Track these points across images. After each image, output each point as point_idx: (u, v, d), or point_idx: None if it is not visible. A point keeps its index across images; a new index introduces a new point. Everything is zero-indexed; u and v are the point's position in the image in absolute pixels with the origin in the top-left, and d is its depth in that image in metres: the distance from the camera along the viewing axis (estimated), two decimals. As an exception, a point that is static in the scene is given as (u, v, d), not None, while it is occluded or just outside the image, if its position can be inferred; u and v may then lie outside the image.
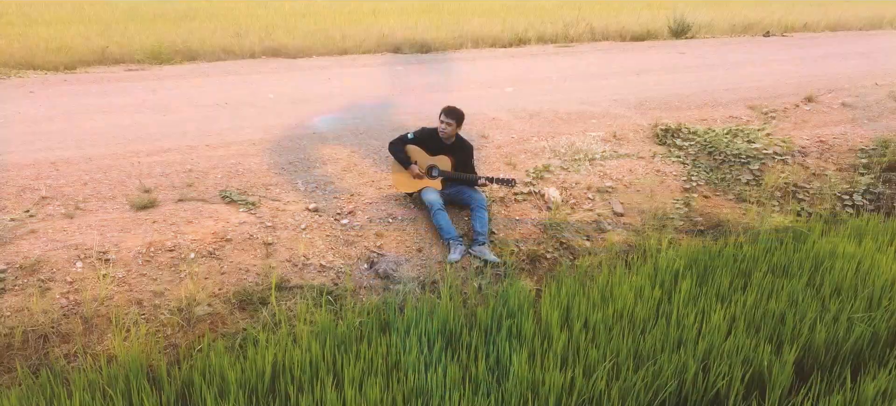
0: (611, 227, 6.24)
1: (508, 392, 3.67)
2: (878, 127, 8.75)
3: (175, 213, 5.49)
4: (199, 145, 7.02)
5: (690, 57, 13.77)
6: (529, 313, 4.48)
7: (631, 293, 4.66)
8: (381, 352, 4.04)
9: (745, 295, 4.69)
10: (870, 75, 11.63)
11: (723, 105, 9.39)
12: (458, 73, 11.79)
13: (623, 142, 7.75)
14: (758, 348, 4.05)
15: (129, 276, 4.80)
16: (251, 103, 9.07)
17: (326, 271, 5.19)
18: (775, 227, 6.07)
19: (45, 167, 6.25)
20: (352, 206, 5.87)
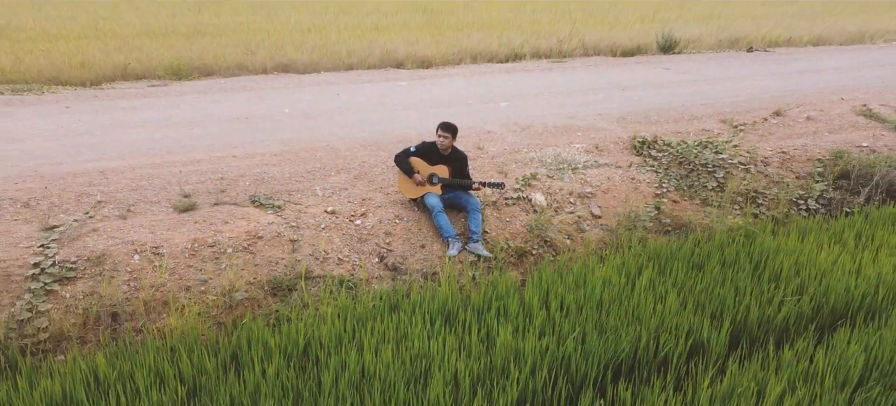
0: (589, 228, 7.15)
1: (495, 356, 4.57)
2: (837, 139, 9.66)
3: (213, 214, 6.40)
4: (226, 156, 7.93)
5: (674, 72, 14.70)
6: (515, 297, 5.38)
7: (600, 281, 5.57)
8: (392, 326, 4.94)
9: (696, 282, 5.59)
10: (839, 90, 12.55)
11: (698, 119, 10.30)
12: (456, 88, 12.71)
13: (604, 152, 8.66)
14: (701, 323, 4.95)
15: (178, 266, 5.71)
16: (268, 117, 9.98)
17: (344, 264, 6.10)
18: (730, 227, 6.99)
19: (95, 175, 7.15)
20: (364, 209, 6.78)
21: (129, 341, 4.82)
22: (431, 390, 4.12)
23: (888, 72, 14.96)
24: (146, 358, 4.42)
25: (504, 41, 18.75)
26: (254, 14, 27.43)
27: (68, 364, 4.45)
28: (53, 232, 5.87)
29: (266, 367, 4.33)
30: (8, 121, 9.41)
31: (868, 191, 8.22)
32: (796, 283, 5.64)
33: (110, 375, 4.25)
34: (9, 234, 5.81)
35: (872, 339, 4.74)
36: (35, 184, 6.83)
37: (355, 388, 4.17)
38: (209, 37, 19.80)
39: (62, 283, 5.37)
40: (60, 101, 10.99)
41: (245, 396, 4.02)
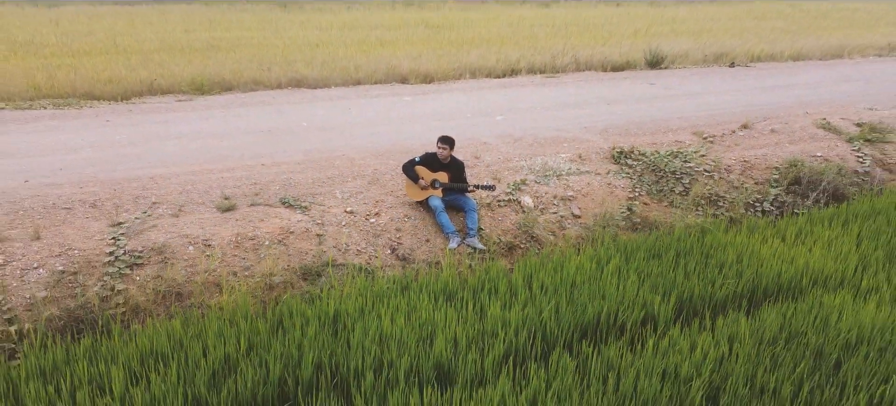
0: (569, 226, 8.35)
1: (487, 324, 5.75)
2: (795, 149, 10.85)
3: (250, 214, 7.59)
4: (256, 164, 9.13)
5: (658, 87, 15.92)
6: (504, 280, 6.57)
7: (574, 267, 6.76)
8: (404, 302, 6.11)
9: (654, 268, 6.78)
10: (806, 105, 13.76)
11: (673, 131, 11.49)
12: (457, 102, 13.92)
13: (586, 161, 9.85)
14: (653, 299, 6.13)
15: (225, 256, 6.90)
16: (288, 130, 11.19)
17: (361, 254, 7.29)
18: (688, 224, 8.18)
19: (146, 181, 8.34)
20: (378, 210, 7.98)
21: (194, 313, 6.01)
22: (436, 347, 5.29)
23: (854, 87, 16.19)
24: (211, 323, 5.61)
25: (501, 57, 19.95)
26: (263, 29, 28.65)
27: (148, 328, 5.63)
28: (120, 227, 7.06)
29: (306, 330, 5.52)
30: (60, 134, 10.62)
31: (816, 195, 9.42)
32: (737, 268, 6.83)
33: (184, 335, 5.43)
34: (84, 230, 7.00)
35: (789, 311, 5.92)
36: (97, 188, 8.02)
37: (377, 345, 5.34)
38: (223, 52, 21.03)
39: (133, 268, 6.56)
40: (99, 115, 12.20)
41: (293, 349, 5.20)
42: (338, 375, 5.06)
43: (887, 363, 5.08)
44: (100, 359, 5.13)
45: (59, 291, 6.20)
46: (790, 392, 4.76)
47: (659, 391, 4.70)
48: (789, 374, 4.95)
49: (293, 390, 4.90)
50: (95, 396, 4.73)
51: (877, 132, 11.71)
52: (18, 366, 5.08)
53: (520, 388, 4.87)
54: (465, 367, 5.10)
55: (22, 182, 8.14)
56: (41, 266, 6.40)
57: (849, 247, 7.47)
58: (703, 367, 4.98)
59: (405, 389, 4.81)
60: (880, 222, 8.18)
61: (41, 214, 7.25)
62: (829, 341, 5.39)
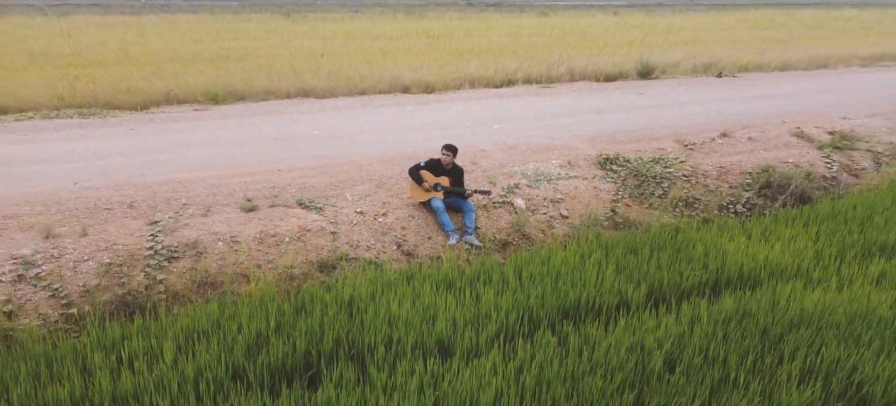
0: (558, 225, 9.24)
1: (481, 308, 6.63)
2: (769, 156, 11.74)
3: (271, 214, 8.48)
4: (273, 170, 10.03)
5: (646, 97, 16.83)
6: (497, 271, 7.46)
7: (560, 260, 7.64)
8: (409, 290, 6.99)
9: (630, 261, 7.67)
10: (785, 114, 14.66)
11: (657, 139, 12.38)
12: (457, 112, 14.82)
13: (574, 167, 10.74)
14: (627, 287, 7.01)
15: (250, 250, 7.79)
16: (300, 138, 12.08)
17: (371, 250, 8.19)
18: (664, 224, 9.07)
19: (175, 185, 9.24)
20: (385, 210, 8.87)
21: (227, 299, 6.90)
22: (437, 326, 6.18)
23: (834, 97, 17.09)
24: (243, 307, 6.49)
25: (499, 67, 20.85)
26: (268, 39, 29.51)
27: (189, 310, 6.52)
28: (157, 225, 7.96)
29: (325, 312, 6.40)
30: (90, 142, 11.53)
31: (784, 197, 10.31)
32: (704, 262, 7.71)
33: (221, 316, 6.32)
34: (125, 227, 7.89)
35: (745, 297, 6.81)
36: (132, 191, 8.91)
37: (386, 325, 6.22)
38: (233, 62, 21.92)
39: (170, 261, 7.45)
40: (123, 124, 13.10)
41: (315, 327, 6.08)
42: (354, 349, 5.94)
43: (822, 337, 5.96)
44: (151, 335, 6.02)
45: (107, 280, 7.10)
46: (736, 361, 5.64)
47: (625, 360, 5.58)
48: (737, 346, 5.84)
49: (316, 361, 5.78)
50: (151, 364, 5.61)
51: (847, 140, 12.62)
52: (84, 340, 5.96)
53: (509, 359, 5.75)
54: (463, 342, 5.99)
55: (65, 185, 9.04)
56: (90, 259, 7.29)
57: (806, 244, 8.36)
58: (664, 341, 5.87)
59: (411, 359, 5.70)
60: (838, 222, 9.07)
61: (85, 214, 8.14)
62: (776, 321, 6.27)
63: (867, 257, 8.11)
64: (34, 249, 7.28)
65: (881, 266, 7.75)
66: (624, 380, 5.36)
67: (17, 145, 11.18)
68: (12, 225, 7.78)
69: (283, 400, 5.12)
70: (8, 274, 6.93)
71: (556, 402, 5.08)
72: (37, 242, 7.42)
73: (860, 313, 6.39)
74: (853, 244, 8.38)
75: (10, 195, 8.62)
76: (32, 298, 6.79)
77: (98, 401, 5.10)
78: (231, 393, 5.27)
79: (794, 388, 5.28)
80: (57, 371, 5.49)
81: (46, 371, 5.49)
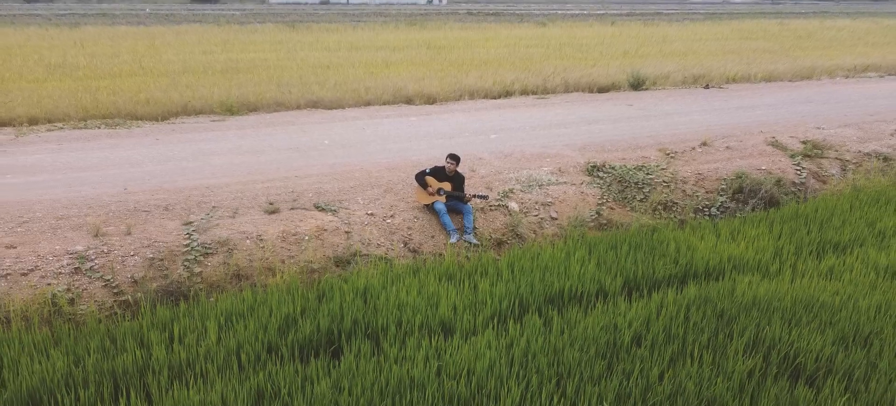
0: (548, 226, 10.27)
1: (478, 296, 7.65)
2: (744, 163, 12.78)
3: (291, 215, 9.52)
4: (290, 176, 11.06)
5: (635, 108, 17.88)
6: (493, 265, 8.49)
7: (548, 256, 8.67)
8: (415, 282, 8.02)
9: (610, 256, 8.70)
10: (763, 124, 15.70)
11: (641, 148, 13.42)
12: (457, 122, 15.87)
13: (564, 174, 11.77)
14: (606, 279, 8.04)
15: (275, 247, 8.82)
16: (313, 147, 13.13)
17: (381, 247, 9.22)
18: (643, 224, 10.10)
19: (204, 190, 10.27)
20: (393, 212, 9.91)
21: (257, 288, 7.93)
22: (440, 310, 7.20)
23: (813, 108, 18.14)
24: (272, 294, 7.53)
25: (498, 79, 21.90)
26: (275, 51, 30.53)
27: (226, 297, 7.55)
28: (191, 226, 8.99)
29: (344, 298, 7.43)
30: (121, 150, 12.57)
31: (754, 202, 11.34)
32: (675, 257, 8.74)
33: (254, 302, 7.35)
34: (163, 227, 8.93)
35: (709, 286, 7.83)
36: (165, 195, 9.95)
37: (396, 309, 7.24)
38: (242, 73, 22.98)
39: (205, 256, 8.49)
40: (148, 134, 14.16)
41: (336, 310, 7.10)
42: (369, 329, 6.96)
43: (769, 318, 6.98)
44: (195, 316, 7.05)
45: (152, 272, 8.13)
46: (693, 338, 6.66)
47: (599, 336, 6.61)
48: (695, 327, 6.86)
49: (338, 338, 6.80)
50: (198, 340, 6.64)
51: (817, 149, 13.67)
52: (139, 321, 6.99)
53: (501, 336, 6.78)
54: (462, 323, 7.02)
55: (104, 190, 10.08)
56: (136, 254, 8.33)
57: (768, 242, 9.39)
58: (633, 322, 6.89)
59: (418, 336, 6.72)
60: (799, 223, 10.11)
61: (127, 216, 9.18)
62: (732, 306, 7.29)
63: (821, 254, 9.14)
64: (87, 246, 8.32)
65: (832, 261, 8.78)
66: (597, 351, 6.38)
67: (55, 154, 12.22)
68: (65, 225, 8.81)
69: (311, 367, 6.15)
70: (66, 267, 7.96)
71: (540, 370, 6.10)
72: (88, 240, 8.45)
73: (805, 300, 7.42)
74: (810, 242, 9.41)
75: (57, 199, 9.66)
76: (89, 288, 7.83)
77: (157, 368, 6.13)
78: (268, 362, 6.30)
79: (739, 358, 6.30)
80: (119, 345, 6.52)
81: (111, 345, 6.52)
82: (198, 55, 28.33)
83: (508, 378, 5.97)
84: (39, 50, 28.80)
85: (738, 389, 5.86)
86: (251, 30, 42.99)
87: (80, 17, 58.79)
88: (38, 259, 8.01)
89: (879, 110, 17.95)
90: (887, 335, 6.70)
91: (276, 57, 28.11)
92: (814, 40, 42.17)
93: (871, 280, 8.15)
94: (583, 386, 5.84)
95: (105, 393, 5.80)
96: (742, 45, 37.08)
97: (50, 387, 5.81)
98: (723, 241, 9.49)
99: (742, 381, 5.97)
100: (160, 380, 5.96)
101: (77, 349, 6.40)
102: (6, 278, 7.67)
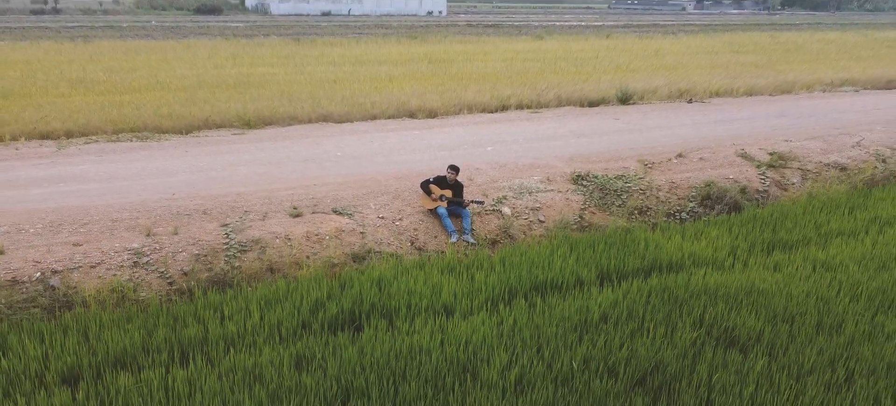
0: (536, 228, 11.75)
1: (475, 285, 9.11)
2: (714, 173, 14.25)
3: (314, 218, 10.99)
4: (310, 185, 12.54)
5: (622, 122, 19.39)
6: (487, 260, 9.95)
7: (535, 253, 10.14)
8: (421, 275, 9.48)
9: (588, 253, 10.16)
10: (736, 137, 17.18)
11: (623, 159, 14.89)
12: (457, 135, 17.36)
13: (552, 182, 13.25)
14: (583, 271, 9.51)
15: (301, 246, 10.29)
16: (328, 159, 14.61)
17: (391, 245, 10.69)
18: (618, 226, 11.58)
19: (234, 196, 11.73)
20: (401, 216, 11.38)
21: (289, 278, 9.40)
22: (443, 295, 8.66)
23: (785, 121, 19.65)
24: (302, 283, 8.99)
25: (495, 93, 23.39)
26: (283, 65, 31.98)
27: (263, 285, 9.01)
28: (227, 227, 10.46)
29: (362, 286, 8.89)
30: (155, 162, 14.06)
31: (719, 207, 12.82)
32: (644, 253, 10.21)
33: (287, 289, 8.81)
34: (204, 228, 10.40)
35: (669, 277, 9.30)
36: (202, 201, 11.41)
37: (406, 294, 8.70)
38: (254, 88, 24.46)
39: (242, 252, 9.95)
40: (177, 146, 15.64)
41: (356, 295, 8.56)
42: (384, 310, 8.42)
43: (714, 302, 8.44)
44: (240, 300, 8.52)
45: (198, 265, 9.60)
46: (650, 316, 8.12)
47: (574, 315, 8.08)
48: (654, 308, 8.32)
49: (358, 317, 8.26)
50: (245, 319, 8.09)
51: (782, 160, 15.16)
52: (194, 304, 8.46)
53: (492, 315, 8.24)
54: (461, 306, 8.48)
55: (148, 196, 11.55)
56: (184, 250, 9.79)
57: (726, 241, 10.86)
58: (602, 304, 8.36)
59: (425, 316, 8.18)
60: (755, 225, 11.58)
61: (172, 218, 10.65)
62: (685, 292, 8.75)
63: (770, 251, 10.62)
64: (141, 244, 9.79)
65: (778, 257, 10.26)
66: (571, 327, 7.85)
67: (98, 165, 13.71)
68: (120, 226, 10.28)
69: (339, 338, 7.61)
70: (126, 261, 9.43)
71: (524, 340, 7.56)
72: (142, 239, 9.92)
73: (747, 287, 8.88)
74: (762, 241, 10.89)
75: (109, 204, 11.13)
76: (146, 278, 9.29)
77: (214, 339, 7.59)
78: (303, 335, 7.76)
79: (686, 332, 7.76)
80: (181, 321, 7.98)
81: (174, 322, 7.98)
82: (210, 70, 29.72)
83: (498, 347, 7.43)
84: (58, 65, 30.19)
85: (682, 355, 7.31)
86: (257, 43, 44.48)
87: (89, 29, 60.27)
88: (103, 254, 9.48)
89: (847, 124, 19.47)
90: (809, 314, 8.17)
91: (285, 71, 29.48)
92: (801, 54, 43.55)
93: (807, 273, 9.61)
94: (557, 351, 7.31)
95: (175, 357, 7.27)
96: (731, 59, 38.49)
97: (131, 352, 7.27)
98: (687, 240, 10.96)
99: (686, 348, 7.43)
100: (218, 348, 7.43)
101: (147, 324, 7.87)
102: (79, 270, 9.14)
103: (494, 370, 6.94)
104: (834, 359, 7.25)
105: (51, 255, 9.32)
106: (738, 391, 6.67)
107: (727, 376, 6.91)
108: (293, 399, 6.46)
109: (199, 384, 6.64)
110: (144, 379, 6.77)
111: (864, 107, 23.01)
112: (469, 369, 7.06)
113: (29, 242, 9.62)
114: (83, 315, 8.11)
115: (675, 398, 6.66)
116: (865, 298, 8.70)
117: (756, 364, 7.11)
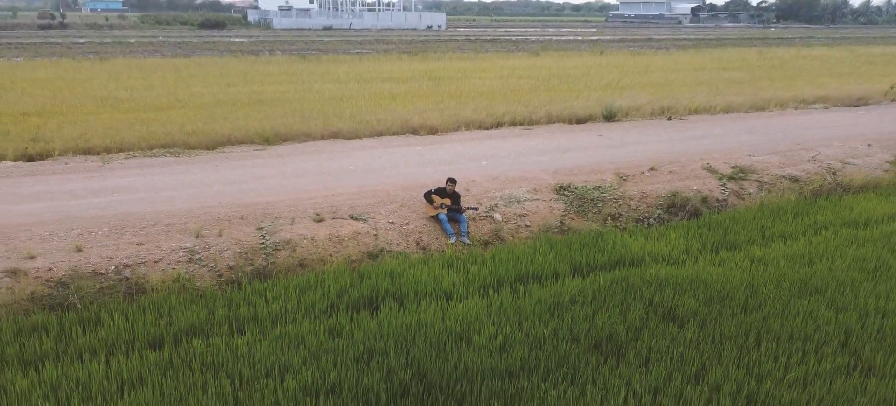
0: (523, 232, 13.77)
1: (470, 276, 11.11)
2: (681, 184, 16.27)
3: (334, 223, 13.00)
4: (329, 194, 14.55)
5: (605, 138, 21.43)
6: (480, 257, 11.96)
7: (520, 251, 12.14)
8: (426, 269, 11.47)
9: (565, 251, 12.17)
10: (707, 152, 19.21)
11: (601, 172, 16.91)
12: (455, 151, 19.39)
13: (538, 192, 15.26)
14: (560, 265, 11.51)
15: (324, 246, 12.29)
16: (342, 172, 16.63)
17: (399, 246, 12.71)
18: (593, 230, 13.60)
19: (265, 205, 13.73)
20: (408, 221, 13.40)
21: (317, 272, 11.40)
22: (443, 284, 10.66)
23: (753, 137, 21.70)
24: (328, 276, 10.98)
25: (490, 111, 25.42)
26: (292, 83, 33.97)
27: (296, 276, 11.01)
28: (262, 230, 12.47)
29: (377, 278, 10.88)
30: (191, 175, 16.08)
31: (682, 214, 14.84)
32: (611, 252, 12.21)
33: (315, 279, 10.81)
34: (243, 231, 12.40)
35: (630, 270, 11.30)
36: (238, 209, 13.42)
37: (414, 283, 10.69)
38: (267, 106, 26.47)
39: (276, 251, 11.95)
40: (208, 161, 17.66)
41: (373, 284, 10.55)
42: (396, 295, 10.41)
43: (663, 288, 10.44)
44: (279, 288, 10.51)
45: (242, 261, 11.61)
46: (610, 299, 10.11)
47: (549, 297, 10.08)
48: (613, 294, 10.32)
49: (375, 300, 10.26)
50: (284, 302, 10.08)
51: (743, 172, 17.19)
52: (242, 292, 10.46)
53: (483, 299, 10.23)
54: (458, 292, 10.49)
55: (193, 205, 13.56)
56: (228, 249, 11.80)
57: (682, 242, 12.87)
58: (572, 290, 10.36)
59: (429, 300, 10.18)
60: (710, 229, 13.59)
61: (215, 223, 12.66)
62: (640, 281, 10.75)
63: (718, 250, 12.63)
64: (193, 244, 11.79)
65: (724, 254, 12.27)
66: (545, 307, 9.85)
67: (142, 178, 15.73)
68: (172, 229, 12.29)
69: (361, 316, 9.60)
70: (182, 257, 11.44)
71: (508, 317, 9.56)
72: (193, 240, 11.93)
73: (691, 277, 10.89)
74: (713, 242, 12.90)
75: (160, 211, 13.14)
76: (199, 272, 11.29)
77: (262, 316, 9.58)
78: (332, 313, 9.76)
79: (637, 310, 9.76)
80: (234, 304, 9.98)
81: (228, 304, 9.98)
82: (223, 88, 31.67)
83: (487, 322, 9.42)
84: (80, 83, 32.12)
85: (631, 327, 9.32)
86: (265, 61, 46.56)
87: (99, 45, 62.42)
88: (162, 252, 11.49)
89: (808, 140, 21.53)
90: (737, 297, 10.17)
91: (294, 89, 31.41)
92: (784, 70, 45.53)
93: (745, 266, 11.62)
94: (534, 325, 9.31)
95: (234, 329, 9.27)
96: (716, 76, 40.45)
97: (199, 325, 9.27)
98: (650, 241, 12.97)
99: (635, 322, 9.43)
100: (266, 323, 9.43)
101: (208, 305, 9.87)
102: (144, 264, 11.15)
103: (484, 337, 8.94)
104: (749, 329, 9.26)
105: (120, 252, 11.33)
106: (671, 352, 8.67)
107: (664, 342, 8.91)
108: (329, 357, 8.45)
109: (256, 347, 8.64)
110: (212, 344, 8.76)
111: (828, 124, 25.06)
112: (464, 337, 9.06)
113: (100, 242, 11.63)
114: (156, 298, 10.11)
115: (621, 357, 8.66)
116: (787, 286, 10.71)
117: (688, 333, 9.12)
